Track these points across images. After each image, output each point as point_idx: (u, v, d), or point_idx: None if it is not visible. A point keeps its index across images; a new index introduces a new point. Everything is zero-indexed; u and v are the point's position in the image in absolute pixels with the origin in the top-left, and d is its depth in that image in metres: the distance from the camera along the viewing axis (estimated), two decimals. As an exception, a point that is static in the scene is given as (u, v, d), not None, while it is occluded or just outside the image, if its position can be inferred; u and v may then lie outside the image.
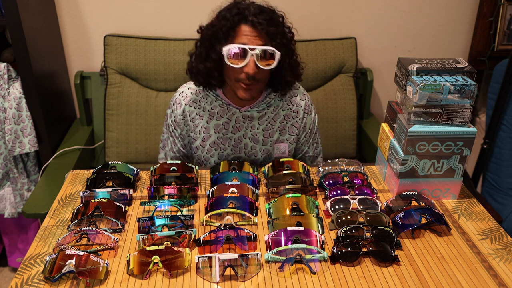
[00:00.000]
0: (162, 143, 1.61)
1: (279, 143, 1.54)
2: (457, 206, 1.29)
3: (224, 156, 1.54)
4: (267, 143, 1.52)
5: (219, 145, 1.52)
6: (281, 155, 1.56)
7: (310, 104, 1.55)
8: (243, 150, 1.53)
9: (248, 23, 1.29)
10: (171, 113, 1.53)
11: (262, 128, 1.50)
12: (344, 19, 2.21)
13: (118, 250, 1.08)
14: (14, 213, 1.99)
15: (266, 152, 1.54)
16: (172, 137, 1.56)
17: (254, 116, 1.48)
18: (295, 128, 1.53)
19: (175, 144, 1.56)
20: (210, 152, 1.53)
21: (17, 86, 1.81)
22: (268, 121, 1.50)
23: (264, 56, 1.30)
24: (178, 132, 1.53)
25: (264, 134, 1.51)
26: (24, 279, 0.99)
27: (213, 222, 1.18)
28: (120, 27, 2.12)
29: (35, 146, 1.87)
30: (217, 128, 1.49)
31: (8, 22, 1.68)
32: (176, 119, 1.51)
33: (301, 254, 1.04)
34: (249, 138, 1.51)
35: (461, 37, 2.32)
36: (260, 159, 1.55)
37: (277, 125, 1.51)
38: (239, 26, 1.29)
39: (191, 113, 1.49)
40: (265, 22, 1.28)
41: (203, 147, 1.53)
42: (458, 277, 1.02)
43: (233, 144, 1.52)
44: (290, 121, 1.52)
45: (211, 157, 1.54)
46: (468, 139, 1.22)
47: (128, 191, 1.26)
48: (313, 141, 1.60)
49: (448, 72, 1.23)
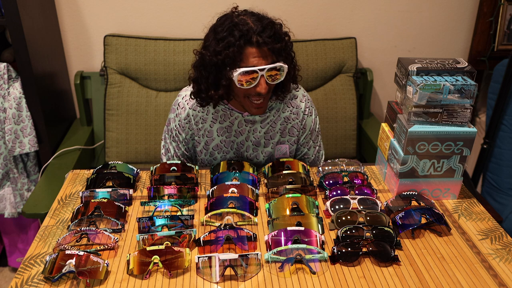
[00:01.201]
0: (164, 149, 1.61)
1: (280, 144, 1.54)
2: (457, 206, 1.29)
3: (227, 159, 1.55)
4: (269, 145, 1.53)
5: (222, 148, 1.52)
6: (282, 156, 1.56)
7: (311, 106, 1.55)
8: (245, 153, 1.54)
9: (254, 45, 1.27)
10: (175, 117, 1.52)
11: (264, 131, 1.51)
12: (344, 19, 2.21)
13: (118, 250, 1.08)
14: (14, 213, 1.99)
15: (268, 154, 1.55)
16: (176, 141, 1.55)
17: (257, 120, 1.49)
18: (295, 129, 1.53)
19: (178, 149, 1.56)
20: (213, 155, 1.54)
21: (17, 86, 1.81)
22: (270, 124, 1.51)
23: (273, 71, 1.30)
24: (183, 136, 1.53)
25: (265, 137, 1.52)
26: (24, 279, 0.99)
27: (213, 222, 1.18)
28: (120, 27, 2.12)
29: (35, 146, 1.87)
30: (220, 132, 1.50)
31: (8, 22, 1.68)
32: (180, 123, 1.51)
33: (301, 254, 1.04)
34: (251, 141, 1.52)
35: (461, 37, 2.32)
36: (262, 161, 1.56)
37: (278, 127, 1.52)
38: (245, 49, 1.27)
39: (195, 116, 1.49)
40: (270, 40, 1.27)
41: (206, 150, 1.53)
42: (458, 277, 1.02)
43: (235, 147, 1.53)
44: (291, 123, 1.52)
45: (214, 160, 1.55)
46: (468, 139, 1.22)
47: (128, 191, 1.26)
48: (314, 144, 1.60)
49: (448, 72, 1.23)
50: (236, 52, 1.26)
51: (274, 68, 1.29)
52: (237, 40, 1.26)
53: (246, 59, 1.28)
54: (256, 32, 1.26)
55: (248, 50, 1.27)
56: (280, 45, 1.30)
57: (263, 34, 1.27)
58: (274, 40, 1.29)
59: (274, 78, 1.31)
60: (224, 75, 1.30)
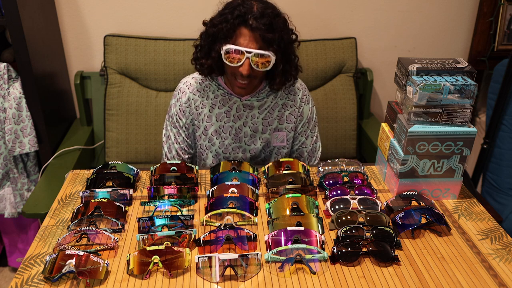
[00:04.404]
0: (165, 137, 1.64)
1: (278, 131, 1.56)
2: (457, 206, 1.29)
3: (225, 145, 1.57)
4: (266, 132, 1.56)
5: (220, 133, 1.55)
6: (280, 144, 1.59)
7: (308, 94, 1.60)
8: (243, 139, 1.57)
9: (248, 27, 1.34)
10: (176, 102, 1.56)
11: (261, 117, 1.55)
12: (344, 19, 2.21)
13: (118, 250, 1.08)
14: (14, 213, 1.99)
15: (265, 140, 1.58)
16: (176, 127, 1.58)
17: (254, 105, 1.53)
18: (293, 116, 1.57)
19: (179, 135, 1.59)
20: (211, 140, 1.57)
21: (17, 86, 1.81)
22: (267, 110, 1.55)
23: (259, 58, 1.35)
24: (183, 121, 1.56)
25: (263, 123, 1.55)
26: (24, 279, 0.99)
27: (213, 222, 1.18)
28: (120, 27, 2.12)
29: (35, 146, 1.87)
30: (219, 117, 1.54)
31: (8, 22, 1.68)
32: (181, 108, 1.55)
33: (301, 254, 1.04)
34: (249, 127, 1.55)
35: (461, 37, 2.32)
36: (260, 147, 1.58)
37: (276, 114, 1.55)
38: (239, 28, 1.35)
39: (195, 101, 1.54)
40: (264, 27, 1.33)
41: (205, 135, 1.56)
42: (458, 277, 1.02)
43: (234, 133, 1.55)
44: (288, 110, 1.56)
45: (212, 145, 1.57)
46: (468, 139, 1.22)
47: (128, 191, 1.26)
48: (311, 133, 1.62)
49: (448, 72, 1.23)
50: (229, 28, 1.34)
51: (262, 55, 1.35)
52: (233, 18, 1.34)
53: (237, 38, 1.35)
54: (254, 15, 1.33)
55: (241, 30, 1.35)
56: (273, 35, 1.34)
57: (259, 19, 1.33)
58: (268, 29, 1.34)
59: (259, 64, 1.36)
60: (215, 47, 1.39)
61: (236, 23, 1.34)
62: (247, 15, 1.33)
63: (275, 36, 1.35)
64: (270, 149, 1.61)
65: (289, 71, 1.46)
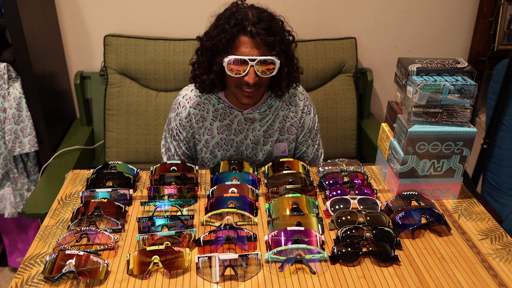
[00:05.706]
0: (164, 148, 1.61)
1: (279, 142, 1.54)
2: (457, 206, 1.29)
3: (227, 157, 1.55)
4: (268, 143, 1.54)
5: (222, 146, 1.53)
6: (281, 154, 1.57)
7: (309, 104, 1.56)
8: (245, 151, 1.55)
9: (247, 34, 1.29)
10: (175, 116, 1.53)
11: (263, 130, 1.52)
12: (344, 19, 2.21)
13: (118, 250, 1.08)
14: (14, 213, 1.99)
15: (267, 152, 1.55)
16: (176, 140, 1.56)
17: (256, 118, 1.50)
18: (294, 127, 1.54)
19: (179, 148, 1.57)
20: (213, 153, 1.54)
21: (17, 86, 1.81)
22: (269, 123, 1.52)
23: (264, 65, 1.31)
24: (183, 135, 1.54)
25: (264, 135, 1.53)
26: (24, 279, 0.99)
27: (213, 222, 1.18)
28: (120, 27, 2.12)
29: (35, 146, 1.87)
30: (220, 130, 1.51)
31: (8, 22, 1.68)
32: (181, 122, 1.52)
33: (301, 254, 1.04)
34: (250, 140, 1.53)
35: (461, 37, 2.32)
36: (262, 159, 1.57)
37: (277, 126, 1.52)
38: (238, 37, 1.30)
39: (195, 115, 1.50)
40: (264, 32, 1.29)
41: (206, 148, 1.54)
42: (458, 277, 1.02)
43: (235, 146, 1.53)
44: (289, 121, 1.53)
45: (215, 158, 1.55)
46: (468, 139, 1.22)
47: (128, 191, 1.26)
48: (312, 142, 1.60)
49: (448, 72, 1.23)
50: (229, 39, 1.29)
51: (266, 61, 1.31)
52: (231, 28, 1.29)
53: (238, 47, 1.30)
54: (251, 22, 1.29)
55: (241, 39, 1.30)
56: (274, 38, 1.31)
57: (258, 25, 1.29)
58: (268, 33, 1.30)
59: (265, 71, 1.32)
60: (216, 61, 1.33)
61: (235, 32, 1.29)
62: (245, 22, 1.29)
63: (276, 39, 1.32)
64: (272, 159, 1.58)
65: (292, 73, 1.43)
